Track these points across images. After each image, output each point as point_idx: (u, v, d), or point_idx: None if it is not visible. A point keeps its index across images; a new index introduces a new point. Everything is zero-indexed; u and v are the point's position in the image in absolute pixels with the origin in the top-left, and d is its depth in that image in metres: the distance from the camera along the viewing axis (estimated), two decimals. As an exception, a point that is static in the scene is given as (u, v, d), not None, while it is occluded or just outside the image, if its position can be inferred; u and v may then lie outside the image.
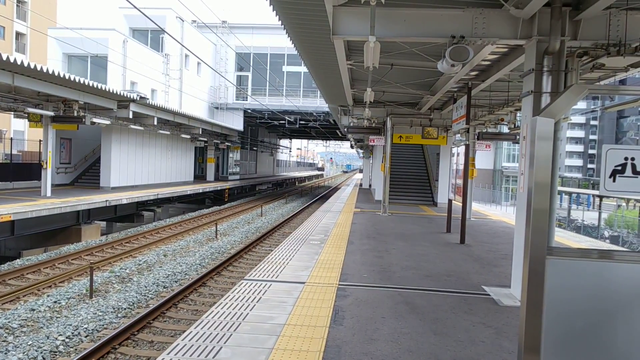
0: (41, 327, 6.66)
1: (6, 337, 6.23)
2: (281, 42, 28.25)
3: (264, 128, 43.36)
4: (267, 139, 46.82)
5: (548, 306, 2.14)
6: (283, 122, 34.34)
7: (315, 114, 31.45)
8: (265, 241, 14.46)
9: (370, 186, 31.87)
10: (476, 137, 14.53)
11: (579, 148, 72.89)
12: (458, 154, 10.77)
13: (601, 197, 30.95)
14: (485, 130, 16.30)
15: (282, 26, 8.13)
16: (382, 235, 10.43)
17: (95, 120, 15.71)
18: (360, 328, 4.49)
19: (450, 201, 11.61)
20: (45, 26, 28.25)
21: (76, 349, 6.05)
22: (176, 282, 9.47)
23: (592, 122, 71.43)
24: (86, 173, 22.00)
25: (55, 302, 7.66)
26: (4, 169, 18.78)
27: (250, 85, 32.76)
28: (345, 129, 20.63)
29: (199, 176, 30.85)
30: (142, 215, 18.63)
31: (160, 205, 20.28)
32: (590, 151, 71.35)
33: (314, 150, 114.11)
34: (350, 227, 11.34)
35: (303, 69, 27.80)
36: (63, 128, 17.81)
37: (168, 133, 22.57)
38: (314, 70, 11.77)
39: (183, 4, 13.57)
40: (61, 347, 6.02)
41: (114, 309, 7.48)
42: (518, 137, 12.95)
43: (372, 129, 16.46)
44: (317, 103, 30.71)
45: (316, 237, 9.60)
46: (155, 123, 19.59)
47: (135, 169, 21.02)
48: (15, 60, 10.73)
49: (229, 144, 31.29)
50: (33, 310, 7.23)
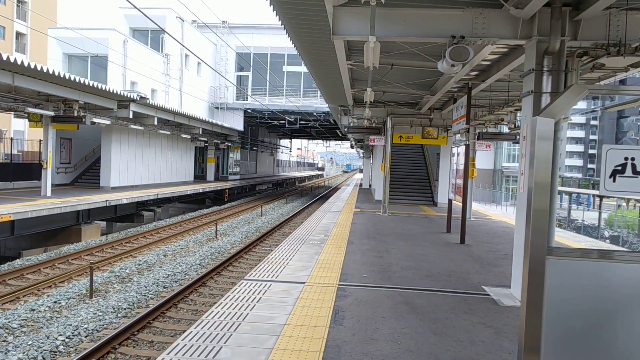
0: (41, 327, 6.66)
1: (6, 337, 6.23)
2: (281, 42, 28.27)
3: (264, 128, 43.37)
4: (267, 139, 46.83)
5: (548, 306, 2.14)
6: (283, 122, 34.35)
7: (315, 114, 31.44)
8: (265, 241, 14.46)
9: (370, 186, 31.87)
10: (476, 137, 14.54)
11: (579, 148, 72.91)
12: (458, 154, 10.77)
13: (601, 197, 30.95)
14: (485, 130, 16.31)
15: (282, 26, 8.13)
16: (382, 235, 10.43)
17: (95, 120, 15.72)
18: (360, 328, 4.49)
19: (450, 201, 11.61)
20: (45, 26, 28.26)
21: (76, 349, 6.05)
22: (176, 282, 9.47)
23: (592, 122, 71.45)
24: (86, 173, 22.01)
25: (55, 302, 7.66)
26: (4, 169, 18.79)
27: (250, 85, 32.76)
28: (345, 129, 20.63)
29: (199, 176, 30.85)
30: (142, 215, 18.64)
31: (160, 205, 20.28)
32: (590, 151, 71.36)
33: (314, 150, 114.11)
34: (350, 227, 11.34)
35: (303, 69, 27.79)
36: (63, 128, 17.84)
37: (168, 133, 22.58)
38: (314, 70, 11.77)
39: (183, 4, 13.57)
40: (61, 347, 6.02)
41: (114, 309, 7.48)
42: (518, 137, 12.95)
43: (372, 129, 16.46)
44: (317, 103, 30.70)
45: (316, 237, 9.60)
46: (155, 123, 19.60)
47: (135, 169, 21.02)
48: (15, 60, 10.74)
49: (229, 144, 31.30)
50: (33, 310, 7.23)
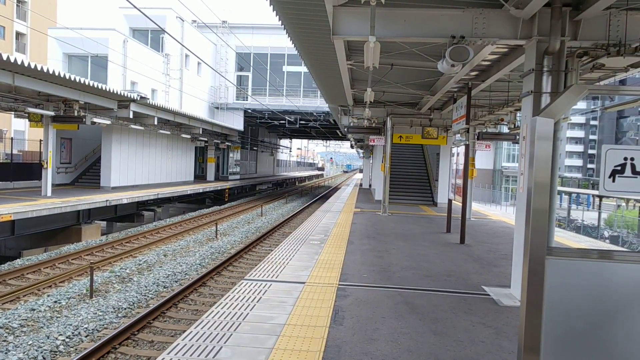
0: (41, 327, 6.66)
1: (6, 337, 6.24)
2: (281, 42, 28.27)
3: (264, 128, 43.37)
4: (267, 139, 46.83)
5: (548, 306, 2.14)
6: (283, 122, 34.34)
7: (315, 114, 31.45)
8: (265, 241, 14.46)
9: (370, 186, 31.87)
10: (476, 137, 14.53)
11: (579, 148, 72.90)
12: (458, 154, 10.77)
13: (601, 197, 30.96)
14: (485, 130, 16.29)
15: (282, 26, 8.13)
16: (382, 235, 10.44)
17: (95, 120, 15.72)
18: (360, 328, 4.49)
19: (450, 201, 11.61)
20: (45, 26, 28.25)
21: (76, 349, 6.06)
22: (176, 282, 9.47)
23: (592, 122, 71.43)
24: (86, 173, 22.01)
25: (55, 302, 7.66)
26: (5, 169, 18.79)
27: (250, 85, 32.75)
28: (345, 129, 20.63)
29: (199, 176, 30.85)
30: (142, 215, 18.65)
31: (160, 205, 20.29)
32: (590, 151, 71.35)
33: (314, 150, 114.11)
34: (350, 227, 11.34)
35: (303, 69, 27.79)
36: (63, 128, 17.85)
37: (168, 133, 22.59)
38: (314, 70, 11.77)
39: (183, 4, 13.57)
40: (61, 347, 6.02)
41: (114, 309, 7.48)
42: (518, 137, 12.94)
43: (372, 129, 16.46)
44: (317, 103, 30.70)
45: (316, 237, 9.61)
46: (155, 123, 19.60)
47: (135, 169, 21.03)
48: (15, 60, 10.75)
49: (229, 144, 31.31)
50: (33, 310, 7.24)
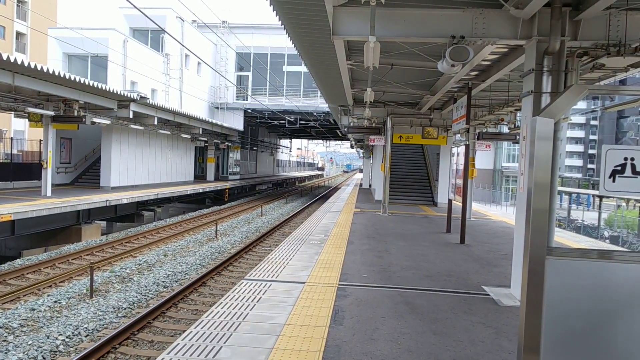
0: (41, 327, 6.66)
1: (6, 337, 6.24)
2: (281, 42, 28.26)
3: (264, 128, 43.36)
4: (267, 139, 46.82)
5: (548, 306, 2.14)
6: (283, 122, 34.33)
7: (315, 114, 31.44)
8: (265, 241, 14.46)
9: (370, 186, 31.87)
10: (476, 137, 14.54)
11: (579, 148, 72.90)
12: (458, 154, 10.77)
13: (601, 197, 30.94)
14: (485, 130, 16.30)
15: (282, 26, 8.13)
16: (382, 235, 10.44)
17: (95, 120, 15.72)
18: (360, 328, 4.49)
19: (450, 201, 11.61)
20: (45, 26, 28.25)
21: (76, 349, 6.06)
22: (176, 282, 9.47)
23: (592, 122, 71.43)
24: (86, 173, 22.01)
25: (55, 302, 7.67)
26: (4, 169, 18.79)
27: (250, 85, 32.75)
28: (345, 129, 20.63)
29: (199, 176, 30.85)
30: (142, 215, 18.64)
31: (160, 205, 20.28)
32: (590, 151, 71.34)
33: (314, 150, 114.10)
34: (350, 227, 11.34)
35: (303, 69, 27.79)
36: (63, 128, 17.84)
37: (168, 133, 22.59)
38: (314, 70, 11.77)
39: (183, 4, 13.57)
40: (61, 347, 6.02)
41: (114, 309, 7.48)
42: (518, 137, 12.94)
43: (372, 129, 16.46)
44: (317, 103, 30.70)
45: (316, 237, 9.61)
46: (155, 123, 19.60)
47: (135, 169, 21.02)
48: (15, 60, 10.74)
49: (229, 144, 31.30)
50: (33, 310, 7.24)
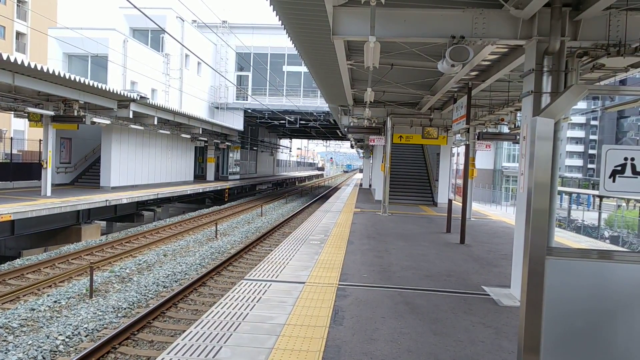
0: (41, 327, 6.66)
1: (6, 337, 6.24)
2: (281, 42, 28.27)
3: (264, 128, 43.36)
4: (267, 139, 46.82)
5: (548, 306, 2.14)
6: (283, 122, 34.32)
7: (315, 114, 31.44)
8: (265, 241, 14.46)
9: (370, 186, 31.87)
10: (476, 137, 14.54)
11: (579, 148, 72.90)
12: (458, 154, 10.77)
13: (601, 197, 30.94)
14: (485, 130, 16.31)
15: (282, 26, 8.13)
16: (382, 235, 10.43)
17: (95, 119, 15.72)
18: (360, 328, 4.49)
19: (450, 201, 11.61)
20: (45, 26, 28.24)
21: (76, 349, 6.05)
22: (176, 282, 9.47)
23: (592, 122, 71.43)
24: (86, 173, 22.01)
25: (55, 302, 7.66)
26: (4, 169, 18.79)
27: (250, 85, 32.75)
28: (345, 129, 20.63)
29: (199, 176, 30.85)
30: (142, 215, 18.64)
31: (160, 205, 20.28)
32: (590, 151, 71.34)
33: (314, 150, 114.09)
34: (350, 227, 11.34)
35: (303, 69, 27.79)
36: (63, 128, 17.82)
37: (168, 133, 22.58)
38: (314, 70, 11.77)
39: (183, 4, 13.57)
40: (61, 347, 6.02)
41: (114, 309, 7.48)
42: (518, 137, 12.95)
43: (372, 129, 16.46)
44: (317, 103, 30.70)
45: (316, 237, 9.60)
46: (155, 123, 19.60)
47: (135, 169, 21.02)
48: (15, 60, 10.74)
49: (229, 144, 31.30)
50: (33, 310, 7.24)
